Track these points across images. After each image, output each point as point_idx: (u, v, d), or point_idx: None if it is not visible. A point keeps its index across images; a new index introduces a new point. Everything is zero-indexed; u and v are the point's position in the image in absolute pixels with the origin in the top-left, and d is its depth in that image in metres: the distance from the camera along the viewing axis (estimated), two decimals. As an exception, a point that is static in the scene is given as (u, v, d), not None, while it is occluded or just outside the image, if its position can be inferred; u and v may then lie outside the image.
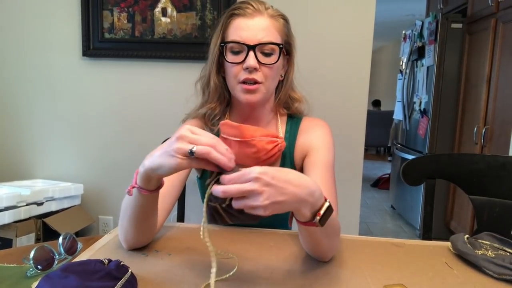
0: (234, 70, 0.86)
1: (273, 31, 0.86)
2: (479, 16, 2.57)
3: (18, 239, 1.67)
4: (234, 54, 0.86)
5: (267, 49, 0.85)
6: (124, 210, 0.74)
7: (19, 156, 2.07)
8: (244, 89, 0.85)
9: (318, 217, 0.61)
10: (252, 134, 0.88)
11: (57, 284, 0.54)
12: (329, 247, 0.72)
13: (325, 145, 0.93)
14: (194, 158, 0.57)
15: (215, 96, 0.93)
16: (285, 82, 0.95)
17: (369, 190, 4.45)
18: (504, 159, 1.07)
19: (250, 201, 0.54)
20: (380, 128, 6.10)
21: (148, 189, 0.66)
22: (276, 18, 0.88)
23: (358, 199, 1.90)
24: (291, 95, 0.98)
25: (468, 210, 2.54)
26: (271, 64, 0.85)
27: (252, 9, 0.85)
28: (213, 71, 0.92)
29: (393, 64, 7.42)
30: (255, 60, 0.83)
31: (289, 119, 1.00)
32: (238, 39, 0.84)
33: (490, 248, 0.77)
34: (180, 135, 0.58)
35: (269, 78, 0.87)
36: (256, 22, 0.85)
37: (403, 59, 3.42)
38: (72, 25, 1.93)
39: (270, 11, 0.88)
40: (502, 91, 2.30)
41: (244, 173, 0.56)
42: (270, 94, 0.92)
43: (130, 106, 1.98)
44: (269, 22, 0.86)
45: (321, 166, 0.89)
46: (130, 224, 0.73)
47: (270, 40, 0.84)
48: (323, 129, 0.97)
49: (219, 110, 0.94)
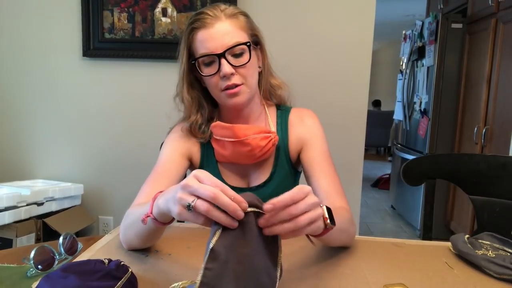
0: (213, 81, 0.86)
1: (237, 31, 0.85)
2: (479, 16, 2.56)
3: (18, 239, 1.67)
4: (207, 66, 0.86)
5: (237, 50, 0.85)
6: (131, 224, 0.73)
7: (19, 156, 2.07)
8: (228, 94, 0.86)
9: (327, 220, 0.60)
10: (245, 133, 0.89)
11: (57, 284, 0.54)
12: (348, 239, 0.79)
13: (317, 136, 0.95)
14: (194, 212, 0.52)
15: (194, 110, 0.94)
16: (263, 72, 0.95)
17: (369, 190, 4.45)
18: (504, 159, 1.07)
19: (312, 213, 0.54)
20: (380, 128, 6.10)
21: (163, 222, 0.64)
22: (236, 16, 0.87)
23: (358, 199, 1.90)
24: (271, 82, 0.98)
25: (468, 210, 2.54)
26: (245, 64, 0.85)
27: (210, 17, 0.84)
28: (184, 89, 0.92)
29: (393, 64, 7.42)
30: (229, 65, 0.83)
31: (278, 111, 1.00)
32: (205, 51, 0.84)
33: (491, 248, 0.77)
34: (184, 184, 0.53)
35: (248, 77, 0.87)
36: (217, 28, 0.84)
37: (403, 59, 3.42)
38: (72, 25, 1.93)
39: (227, 11, 0.86)
40: (502, 91, 2.30)
41: (297, 194, 0.53)
42: (254, 91, 0.92)
43: (130, 106, 1.98)
44: (229, 23, 0.85)
45: (320, 158, 0.91)
46: (136, 237, 0.73)
47: (236, 41, 0.84)
48: (312, 119, 0.98)
49: (202, 120, 0.94)
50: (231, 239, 0.51)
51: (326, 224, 0.60)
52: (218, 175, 0.95)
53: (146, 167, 0.94)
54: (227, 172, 0.96)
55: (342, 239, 0.76)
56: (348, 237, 0.78)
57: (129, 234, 0.74)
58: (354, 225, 0.81)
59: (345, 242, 0.79)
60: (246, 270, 0.52)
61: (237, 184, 0.95)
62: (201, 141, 0.95)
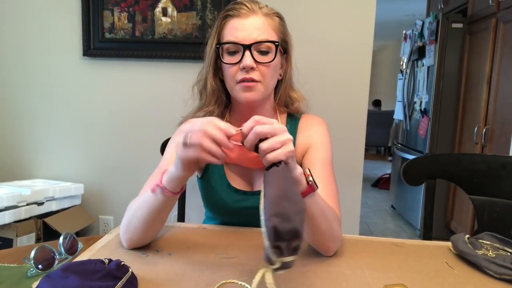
0: (232, 70, 0.86)
1: (269, 30, 0.86)
2: (480, 16, 2.56)
3: (18, 239, 1.67)
4: (230, 55, 0.86)
5: (263, 47, 0.84)
6: (135, 210, 0.75)
7: (19, 156, 2.07)
8: (242, 86, 0.85)
9: (309, 177, 0.67)
10: None
11: (57, 284, 0.54)
12: (330, 235, 0.74)
13: (323, 143, 0.94)
14: (191, 146, 0.61)
15: (213, 99, 0.93)
16: (284, 81, 0.95)
17: (369, 190, 4.45)
18: (505, 159, 1.07)
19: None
20: (381, 128, 6.10)
21: (172, 191, 0.70)
22: (271, 16, 0.88)
23: (359, 199, 1.90)
24: (290, 94, 0.98)
25: (468, 210, 2.54)
26: (268, 62, 0.85)
27: (246, 9, 0.85)
28: (209, 74, 0.91)
29: (394, 64, 7.42)
30: (252, 59, 0.83)
31: (289, 117, 1.00)
32: (233, 39, 0.84)
33: (491, 248, 0.77)
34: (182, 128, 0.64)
35: (267, 77, 0.86)
36: (251, 21, 0.84)
37: (403, 59, 3.42)
38: (73, 25, 1.93)
39: (264, 9, 0.88)
40: (503, 91, 2.30)
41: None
42: (269, 93, 0.91)
43: (130, 106, 1.98)
44: (264, 20, 0.86)
45: (320, 163, 0.90)
46: (141, 223, 0.74)
47: (265, 38, 0.84)
48: (321, 126, 0.98)
49: (217, 113, 0.94)
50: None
51: (308, 180, 0.66)
52: (223, 176, 0.95)
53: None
54: (232, 174, 0.96)
55: (323, 226, 0.73)
56: (331, 230, 0.74)
57: (134, 223, 0.75)
58: (338, 224, 0.79)
59: (328, 236, 0.74)
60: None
61: (242, 187, 0.94)
62: None
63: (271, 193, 0.54)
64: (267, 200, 0.54)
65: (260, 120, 0.62)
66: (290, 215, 0.52)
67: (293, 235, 0.51)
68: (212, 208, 1.00)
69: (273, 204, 0.53)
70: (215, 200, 0.96)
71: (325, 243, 0.75)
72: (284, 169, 0.59)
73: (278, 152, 0.60)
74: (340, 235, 0.78)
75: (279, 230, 0.50)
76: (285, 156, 0.60)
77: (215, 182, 0.95)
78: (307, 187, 0.67)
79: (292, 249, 0.52)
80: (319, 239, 0.75)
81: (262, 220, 0.53)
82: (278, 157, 0.60)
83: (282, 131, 0.62)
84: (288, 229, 0.51)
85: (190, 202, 1.29)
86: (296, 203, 0.54)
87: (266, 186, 0.57)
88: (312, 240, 0.76)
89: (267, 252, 0.51)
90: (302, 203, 0.55)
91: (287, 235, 0.51)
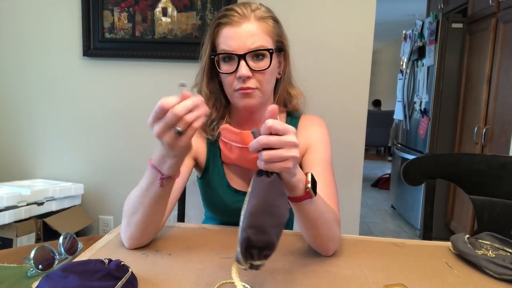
0: (229, 79, 0.85)
1: (262, 35, 0.84)
2: (480, 16, 2.56)
3: (18, 239, 1.67)
4: (226, 62, 0.85)
5: (258, 54, 0.84)
6: (133, 206, 0.75)
7: (19, 156, 2.07)
8: (240, 94, 0.85)
9: (308, 184, 0.65)
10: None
11: (57, 284, 0.55)
12: (329, 236, 0.74)
13: (322, 143, 0.94)
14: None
15: (210, 103, 0.93)
16: (283, 80, 0.94)
17: (369, 190, 4.45)
18: (504, 159, 1.07)
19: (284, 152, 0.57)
20: (381, 128, 6.10)
21: (165, 173, 0.69)
22: (265, 19, 0.86)
23: (359, 199, 1.90)
24: (290, 91, 0.98)
25: (468, 210, 2.54)
26: (264, 69, 0.84)
27: (238, 16, 0.83)
28: (203, 82, 0.91)
29: (394, 64, 7.42)
30: (247, 68, 0.82)
31: (288, 117, 1.00)
32: (227, 48, 0.83)
33: (491, 248, 0.77)
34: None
35: (264, 83, 0.86)
36: (244, 29, 0.83)
37: (403, 59, 3.42)
38: (73, 25, 1.93)
39: (257, 12, 0.85)
40: (503, 91, 2.30)
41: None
42: (268, 97, 0.91)
43: (130, 106, 1.98)
44: (257, 26, 0.84)
45: (320, 163, 0.90)
46: (141, 217, 0.74)
47: (260, 45, 0.83)
48: (320, 126, 0.97)
49: (216, 115, 0.94)
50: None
51: (306, 187, 0.65)
52: (223, 176, 0.95)
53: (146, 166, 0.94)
54: (232, 175, 0.96)
55: (322, 228, 0.72)
56: (330, 232, 0.74)
57: (133, 220, 0.74)
58: (338, 224, 0.78)
59: (327, 237, 0.74)
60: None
61: (241, 187, 0.95)
62: (209, 139, 0.95)
63: (254, 204, 0.55)
64: (248, 210, 0.55)
65: (272, 126, 0.57)
66: (267, 229, 0.54)
67: (266, 246, 0.54)
68: (212, 208, 1.00)
69: (253, 216, 0.54)
70: (215, 200, 0.96)
71: (324, 244, 0.75)
72: (274, 180, 0.58)
73: (275, 165, 0.57)
74: (339, 235, 0.78)
75: (253, 240, 0.53)
76: (280, 170, 0.58)
77: (215, 182, 0.95)
78: (304, 192, 0.66)
79: (263, 256, 0.54)
80: (318, 240, 0.75)
81: (240, 226, 0.55)
82: (272, 169, 0.58)
83: (290, 146, 0.58)
84: (262, 240, 0.53)
85: (190, 202, 1.29)
86: (276, 216, 0.55)
87: (251, 194, 0.57)
88: (312, 241, 0.77)
89: (238, 256, 0.54)
90: (283, 216, 0.56)
91: (260, 244, 0.53)
